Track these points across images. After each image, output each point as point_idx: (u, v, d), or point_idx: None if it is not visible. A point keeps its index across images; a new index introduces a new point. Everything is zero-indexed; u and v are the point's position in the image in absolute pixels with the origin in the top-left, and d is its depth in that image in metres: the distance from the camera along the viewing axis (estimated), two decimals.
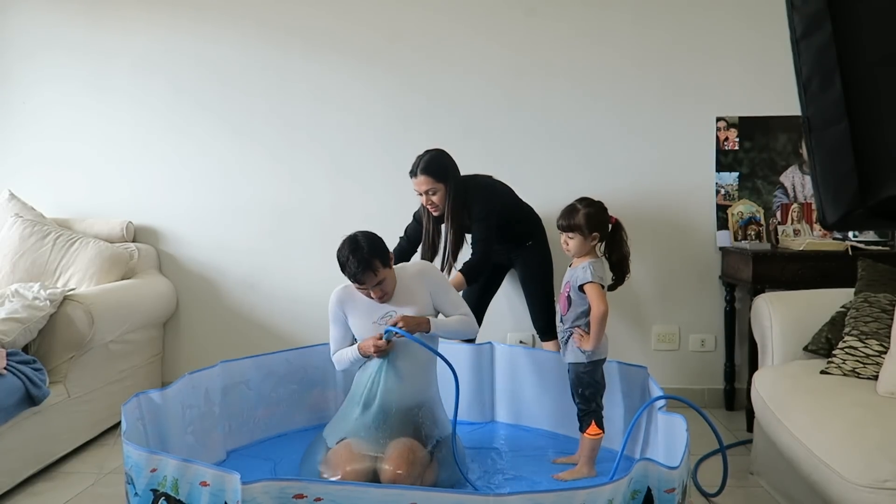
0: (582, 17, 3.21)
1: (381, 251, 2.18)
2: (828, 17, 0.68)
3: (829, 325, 2.31)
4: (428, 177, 2.57)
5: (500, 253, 2.82)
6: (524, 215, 2.82)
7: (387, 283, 2.20)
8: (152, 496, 1.67)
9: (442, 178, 2.59)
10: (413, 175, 2.61)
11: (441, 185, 2.59)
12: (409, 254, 2.79)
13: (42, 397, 2.27)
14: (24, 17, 3.38)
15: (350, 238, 2.19)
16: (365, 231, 2.22)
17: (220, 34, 3.31)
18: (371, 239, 2.19)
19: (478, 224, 2.62)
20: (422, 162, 2.59)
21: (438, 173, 2.58)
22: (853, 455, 1.60)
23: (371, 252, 2.14)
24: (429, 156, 2.61)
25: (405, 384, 2.20)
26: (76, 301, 2.54)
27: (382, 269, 2.17)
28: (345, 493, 1.53)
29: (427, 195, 2.60)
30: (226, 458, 2.42)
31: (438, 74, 3.25)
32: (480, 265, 2.61)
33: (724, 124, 3.20)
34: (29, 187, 3.31)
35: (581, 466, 2.24)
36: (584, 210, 2.22)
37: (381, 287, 2.19)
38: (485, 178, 2.75)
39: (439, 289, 2.35)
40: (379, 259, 2.16)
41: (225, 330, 3.33)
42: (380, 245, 2.20)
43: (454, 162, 2.66)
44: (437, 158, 2.61)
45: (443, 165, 2.60)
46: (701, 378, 3.23)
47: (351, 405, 2.24)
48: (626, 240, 2.27)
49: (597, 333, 2.17)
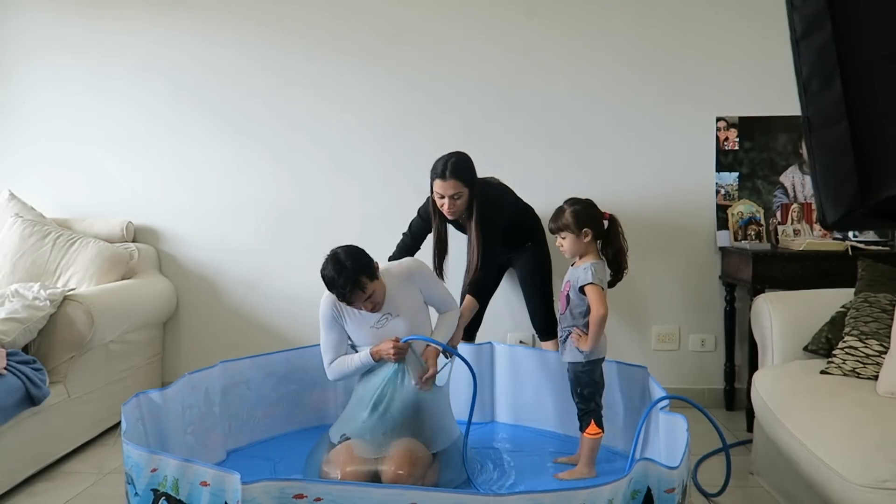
0: (582, 17, 3.21)
1: (365, 266, 2.15)
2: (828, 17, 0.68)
3: (829, 325, 2.31)
4: (457, 181, 2.44)
5: (500, 254, 2.81)
6: (525, 216, 2.81)
7: (376, 295, 2.19)
8: (152, 496, 1.67)
9: (469, 183, 2.48)
10: (441, 178, 2.44)
11: (467, 190, 2.48)
12: (413, 251, 2.75)
13: (42, 397, 2.27)
14: (24, 17, 3.38)
15: (332, 256, 2.15)
16: (346, 247, 2.19)
17: (220, 34, 3.31)
18: (354, 255, 2.15)
19: (486, 239, 2.53)
20: (450, 165, 2.44)
21: (467, 178, 2.48)
22: (853, 455, 1.59)
23: (356, 270, 2.11)
24: (455, 158, 2.47)
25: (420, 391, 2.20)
26: (76, 301, 2.54)
27: (370, 283, 2.14)
28: (345, 493, 1.53)
29: (451, 199, 2.47)
30: (226, 458, 2.42)
31: (438, 74, 3.25)
32: (485, 285, 2.61)
33: (724, 124, 3.20)
34: (29, 187, 3.31)
35: (581, 466, 2.24)
36: (570, 209, 2.23)
37: (371, 300, 2.17)
38: (492, 186, 2.68)
39: (428, 286, 2.36)
40: (366, 275, 2.13)
41: (225, 330, 3.33)
42: (364, 260, 2.16)
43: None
44: (465, 161, 2.50)
45: (470, 170, 2.50)
46: (701, 378, 3.23)
47: (360, 407, 2.22)
48: (622, 234, 2.26)
49: (595, 335, 2.18)
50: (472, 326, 2.89)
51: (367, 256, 2.20)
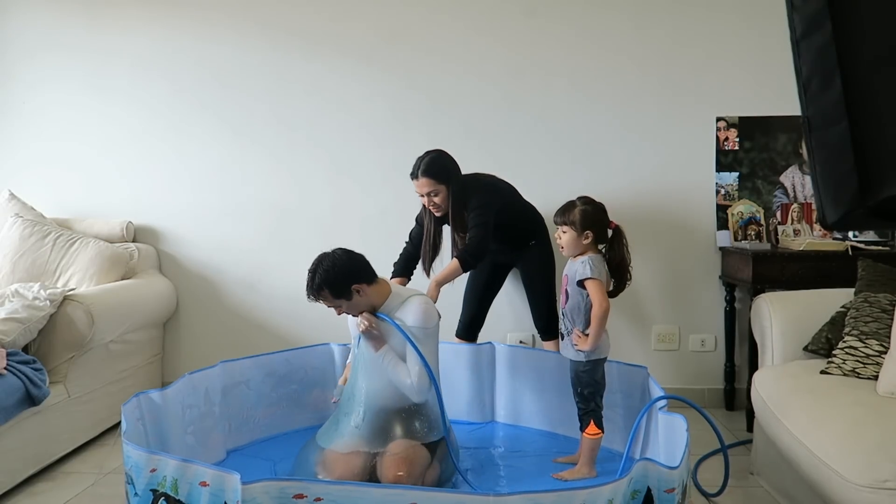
0: (582, 17, 3.21)
1: (336, 282, 2.09)
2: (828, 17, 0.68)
3: (829, 325, 2.31)
4: (429, 178, 2.54)
5: (503, 253, 2.81)
6: (527, 215, 2.81)
7: (346, 309, 2.16)
8: (152, 496, 1.67)
9: (443, 180, 2.56)
10: (414, 177, 2.57)
11: (442, 187, 2.56)
12: (415, 258, 2.76)
13: (42, 397, 2.27)
14: (24, 18, 3.38)
15: (320, 257, 2.14)
16: (341, 253, 2.14)
17: (220, 34, 3.31)
18: (335, 266, 2.09)
19: (474, 212, 2.56)
20: (422, 164, 2.55)
21: (439, 174, 2.56)
22: (853, 455, 1.59)
23: (323, 282, 2.09)
24: (429, 157, 2.58)
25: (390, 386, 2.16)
26: (76, 301, 2.54)
27: (333, 299, 2.11)
28: (345, 493, 1.53)
29: (429, 197, 2.57)
30: (226, 458, 2.42)
31: (438, 74, 3.25)
32: (477, 250, 2.53)
33: (724, 124, 3.20)
34: (29, 187, 3.31)
35: (581, 466, 2.24)
36: (580, 207, 2.22)
37: (338, 309, 2.16)
38: (486, 177, 2.73)
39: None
40: (330, 290, 2.09)
41: (225, 330, 3.33)
42: (339, 274, 2.09)
43: (455, 162, 2.63)
44: (437, 159, 2.58)
45: (443, 166, 2.58)
46: (701, 378, 3.23)
47: (340, 413, 2.22)
48: (626, 246, 2.25)
49: (596, 332, 2.17)
50: (473, 326, 2.90)
51: (350, 271, 2.12)
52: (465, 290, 2.91)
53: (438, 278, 2.48)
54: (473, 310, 2.90)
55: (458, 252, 2.55)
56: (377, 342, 2.18)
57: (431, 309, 2.23)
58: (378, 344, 2.17)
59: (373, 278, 2.18)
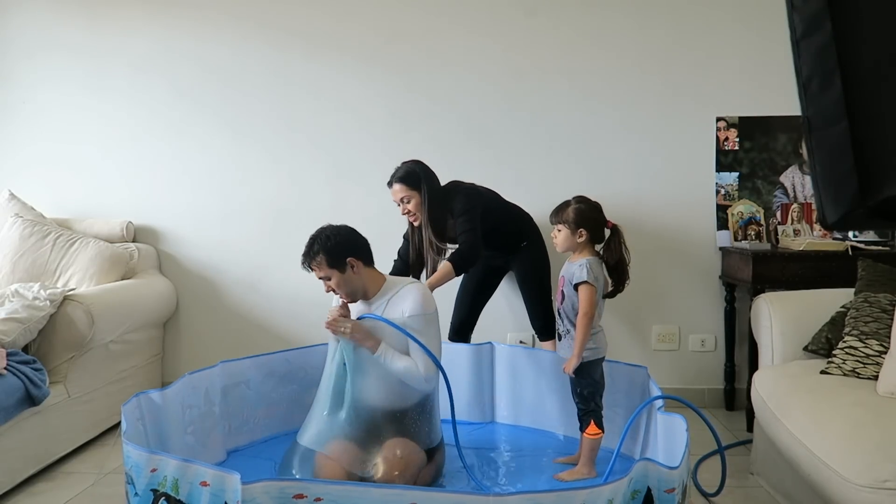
0: (582, 17, 3.21)
1: (334, 249, 2.12)
2: (828, 17, 0.68)
3: (829, 325, 2.31)
4: (402, 185, 2.61)
5: (497, 257, 2.82)
6: (513, 217, 2.82)
7: (336, 284, 2.15)
8: (152, 496, 1.67)
9: (415, 186, 2.60)
10: (388, 185, 2.64)
11: (415, 193, 2.60)
12: (405, 274, 2.75)
13: (42, 397, 2.27)
14: (24, 18, 3.38)
15: (324, 226, 2.19)
16: (346, 227, 2.21)
17: (220, 34, 3.31)
18: (337, 234, 2.15)
19: (461, 217, 2.61)
20: (395, 172, 2.64)
21: (411, 181, 2.61)
22: (853, 455, 1.60)
23: (322, 247, 2.12)
24: (402, 165, 2.66)
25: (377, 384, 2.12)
26: (76, 301, 2.54)
27: (327, 268, 2.12)
28: (345, 493, 1.53)
29: (403, 203, 2.63)
30: (226, 458, 2.42)
31: (438, 75, 3.25)
32: (469, 254, 2.55)
33: (724, 124, 3.20)
34: (29, 187, 3.31)
35: (581, 466, 2.24)
36: (574, 205, 2.23)
37: (326, 284, 2.17)
38: (465, 184, 2.75)
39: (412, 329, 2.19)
40: (326, 255, 2.12)
41: (225, 330, 3.33)
42: (339, 244, 2.13)
43: (430, 170, 2.66)
44: (408, 167, 2.65)
45: (414, 172, 2.62)
46: (701, 378, 3.23)
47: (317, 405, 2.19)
48: (624, 245, 2.24)
49: (580, 340, 2.17)
50: (463, 330, 2.90)
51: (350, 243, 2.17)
52: (457, 293, 2.91)
53: (430, 282, 2.48)
54: (464, 313, 2.90)
55: (451, 255, 2.56)
56: (371, 342, 2.12)
57: (429, 294, 2.25)
58: (373, 344, 2.13)
59: (370, 261, 2.22)
